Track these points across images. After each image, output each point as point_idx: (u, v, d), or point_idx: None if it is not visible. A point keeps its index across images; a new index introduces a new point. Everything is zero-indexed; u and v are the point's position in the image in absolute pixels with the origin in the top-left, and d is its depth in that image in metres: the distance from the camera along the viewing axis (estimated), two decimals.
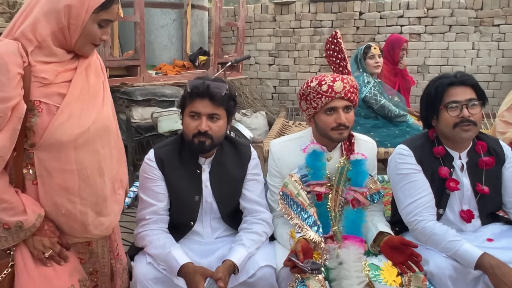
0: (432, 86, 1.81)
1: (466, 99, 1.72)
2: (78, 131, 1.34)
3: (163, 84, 4.29)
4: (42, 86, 1.31)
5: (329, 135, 1.80)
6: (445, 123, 1.75)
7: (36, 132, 1.31)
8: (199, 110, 1.71)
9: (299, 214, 1.75)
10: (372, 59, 3.62)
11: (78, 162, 1.36)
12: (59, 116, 1.31)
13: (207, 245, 1.85)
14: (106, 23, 1.38)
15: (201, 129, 1.70)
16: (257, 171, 1.94)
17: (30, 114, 1.30)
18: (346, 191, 1.85)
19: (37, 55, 1.31)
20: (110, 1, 1.34)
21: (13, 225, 1.31)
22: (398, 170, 1.83)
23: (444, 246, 1.68)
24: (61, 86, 1.34)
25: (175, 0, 5.07)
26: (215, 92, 1.70)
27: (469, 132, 1.73)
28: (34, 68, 1.29)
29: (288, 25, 6.37)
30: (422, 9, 5.93)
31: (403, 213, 1.83)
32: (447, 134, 1.79)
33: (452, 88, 1.75)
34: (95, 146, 1.40)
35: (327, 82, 1.75)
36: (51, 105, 1.32)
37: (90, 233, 1.47)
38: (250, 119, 5.64)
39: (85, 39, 1.36)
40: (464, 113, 1.71)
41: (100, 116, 1.42)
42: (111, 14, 1.36)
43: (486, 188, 1.78)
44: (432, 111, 1.79)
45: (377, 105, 3.52)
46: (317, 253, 1.68)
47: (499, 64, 5.83)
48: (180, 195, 1.81)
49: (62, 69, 1.36)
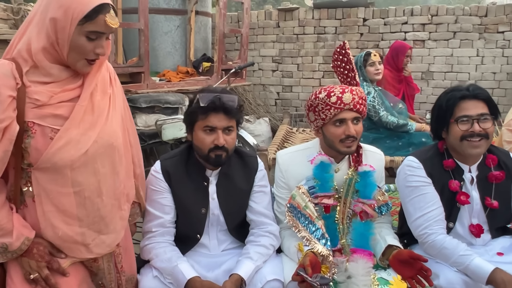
0: (443, 98, 1.78)
1: (478, 114, 1.70)
2: (76, 154, 1.32)
3: (167, 91, 4.28)
4: (36, 107, 1.29)
5: (337, 148, 1.78)
6: (454, 136, 1.73)
7: (30, 154, 1.30)
8: (215, 124, 1.69)
9: (307, 226, 1.73)
10: (372, 66, 3.58)
11: (76, 184, 1.35)
12: (57, 141, 1.29)
13: (214, 257, 1.83)
14: (95, 35, 1.30)
15: (220, 144, 1.69)
16: (264, 182, 1.92)
17: (25, 135, 1.30)
18: (354, 203, 1.83)
19: (33, 75, 1.29)
20: (95, 12, 1.27)
21: (0, 245, 1.31)
22: (407, 183, 1.81)
23: (454, 260, 1.66)
24: (56, 107, 1.31)
25: (179, 7, 5.08)
26: (229, 106, 1.69)
27: (478, 148, 1.71)
28: (29, 89, 1.28)
29: (292, 32, 6.37)
30: (426, 16, 5.92)
31: (412, 226, 1.80)
32: (455, 147, 1.77)
33: (463, 102, 1.72)
34: (95, 166, 1.38)
35: (336, 93, 1.73)
36: (45, 127, 1.30)
37: (92, 252, 1.45)
38: (254, 126, 5.62)
39: (75, 54, 1.30)
40: (475, 127, 1.68)
41: (103, 134, 1.39)
42: (98, 25, 1.28)
43: (495, 202, 1.76)
44: (443, 123, 1.77)
45: (376, 117, 3.49)
46: (325, 266, 1.66)
47: (504, 71, 5.81)
48: (187, 207, 1.79)
49: (59, 89, 1.32)
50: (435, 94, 6.10)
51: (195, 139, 1.74)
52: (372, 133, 3.63)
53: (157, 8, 4.81)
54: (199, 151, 1.75)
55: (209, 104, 1.67)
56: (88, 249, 1.43)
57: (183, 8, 5.11)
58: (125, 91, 3.79)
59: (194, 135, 1.74)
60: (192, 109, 1.72)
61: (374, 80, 3.61)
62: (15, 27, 4.31)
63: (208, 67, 5.09)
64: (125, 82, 4.16)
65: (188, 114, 1.75)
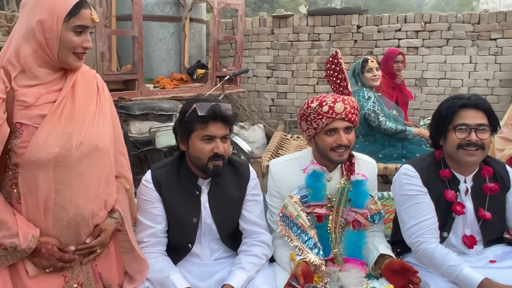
0: (444, 105, 1.79)
1: (476, 124, 1.70)
2: (58, 149, 1.36)
3: (161, 98, 4.29)
4: (24, 109, 1.35)
5: (329, 156, 1.78)
6: (451, 143, 1.74)
7: (16, 152, 1.35)
8: (214, 133, 1.69)
9: (299, 236, 1.73)
10: (369, 73, 3.61)
11: (57, 181, 1.38)
12: (38, 133, 1.35)
13: (206, 267, 1.82)
14: (82, 29, 1.39)
15: (220, 152, 1.69)
16: (257, 191, 1.91)
17: (12, 136, 1.35)
18: (346, 212, 1.83)
19: (21, 80, 1.36)
20: (78, 7, 1.36)
21: (8, 246, 1.35)
22: (403, 191, 1.81)
23: (444, 270, 1.67)
24: (42, 107, 1.37)
25: (173, 14, 5.10)
26: (227, 114, 1.71)
27: (473, 157, 1.71)
28: (17, 93, 1.34)
29: (286, 38, 6.40)
30: (419, 23, 5.97)
31: (406, 234, 1.81)
32: (451, 155, 1.77)
33: (463, 110, 1.73)
34: (79, 167, 1.42)
35: (328, 103, 1.73)
36: (30, 126, 1.35)
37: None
38: (248, 132, 5.63)
39: (65, 50, 1.38)
40: (472, 137, 1.69)
41: (89, 135, 1.43)
42: (82, 19, 1.37)
43: (488, 214, 1.76)
44: (441, 130, 1.78)
45: (375, 123, 3.51)
46: (318, 276, 1.66)
47: (497, 78, 5.86)
48: (178, 217, 1.78)
49: (45, 91, 1.39)
50: (428, 101, 6.14)
51: (192, 149, 1.72)
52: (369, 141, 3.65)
53: (151, 15, 4.83)
54: (196, 161, 1.73)
55: (209, 113, 1.67)
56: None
57: (177, 15, 5.13)
58: (119, 98, 3.82)
59: (191, 145, 1.72)
60: (189, 119, 1.71)
61: (372, 86, 3.64)
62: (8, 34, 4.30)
63: (203, 74, 5.10)
64: (119, 89, 4.16)
65: (183, 124, 1.74)
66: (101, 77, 1.61)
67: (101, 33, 3.73)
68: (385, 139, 3.64)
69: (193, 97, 1.86)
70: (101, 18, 3.72)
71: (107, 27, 3.87)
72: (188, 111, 1.72)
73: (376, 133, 3.63)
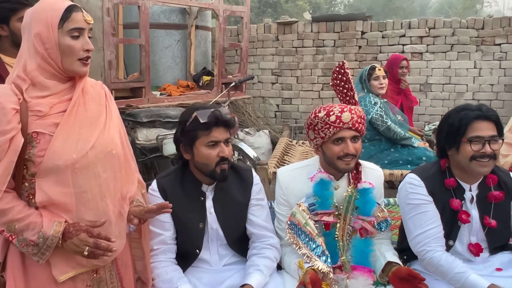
0: (455, 117, 1.78)
1: (489, 136, 1.71)
2: (75, 155, 1.39)
3: (168, 105, 4.32)
4: (39, 118, 1.39)
5: (336, 165, 1.81)
6: (464, 155, 1.74)
7: (34, 162, 1.38)
8: (218, 138, 1.73)
9: (307, 244, 1.76)
10: (376, 80, 3.64)
11: (77, 186, 1.41)
12: (54, 141, 1.37)
13: (216, 273, 1.84)
14: (78, 32, 1.41)
15: (226, 155, 1.74)
16: (261, 196, 1.95)
17: (29, 146, 1.37)
18: (354, 220, 1.85)
19: (32, 92, 1.40)
20: (68, 11, 1.39)
21: (37, 240, 1.36)
22: (408, 200, 1.83)
23: (451, 277, 1.69)
24: (56, 116, 1.41)
25: (179, 22, 5.14)
26: (228, 118, 1.75)
27: (486, 167, 1.73)
28: (30, 104, 1.38)
29: (291, 45, 6.44)
30: (423, 29, 5.99)
31: (412, 243, 1.83)
32: (463, 166, 1.78)
33: (476, 122, 1.73)
34: (96, 170, 1.44)
35: (335, 112, 1.76)
36: (46, 135, 1.39)
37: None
38: (254, 138, 5.65)
39: (67, 57, 1.40)
40: (487, 149, 1.70)
41: (101, 140, 1.46)
42: (75, 22, 1.40)
43: (493, 221, 1.78)
44: (453, 142, 1.77)
45: (383, 127, 3.53)
46: (326, 283, 1.68)
47: (501, 83, 5.87)
48: (185, 223, 1.81)
49: (57, 100, 1.43)
50: (433, 106, 6.16)
51: (198, 156, 1.75)
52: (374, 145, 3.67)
53: (157, 23, 4.88)
54: (204, 168, 1.77)
55: (210, 119, 1.71)
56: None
57: (183, 22, 5.18)
58: (126, 106, 3.87)
59: (196, 152, 1.75)
60: (191, 127, 1.74)
61: (378, 94, 3.66)
62: None
63: (208, 80, 5.14)
64: (126, 97, 4.20)
65: (186, 133, 1.77)
66: (109, 85, 1.66)
67: (109, 42, 3.78)
68: (390, 144, 3.66)
69: (190, 107, 1.90)
70: (108, 27, 3.77)
71: (114, 36, 3.92)
72: (188, 121, 1.75)
73: (381, 137, 3.66)
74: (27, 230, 1.36)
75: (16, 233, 1.36)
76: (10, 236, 1.36)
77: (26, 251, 1.37)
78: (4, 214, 1.35)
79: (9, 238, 1.36)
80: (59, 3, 1.40)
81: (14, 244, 1.37)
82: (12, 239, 1.36)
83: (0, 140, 1.32)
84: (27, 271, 1.44)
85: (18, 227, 1.35)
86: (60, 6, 1.39)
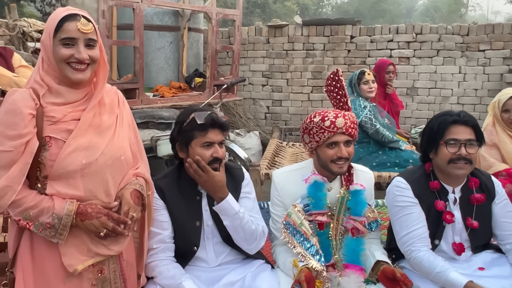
0: (435, 121, 1.91)
1: (466, 139, 1.82)
2: (84, 161, 1.46)
3: (161, 107, 4.37)
4: (52, 124, 1.47)
5: (330, 168, 1.89)
6: (442, 157, 1.86)
7: (46, 164, 1.46)
8: (213, 139, 1.81)
9: (302, 243, 1.83)
10: (366, 85, 3.75)
11: (86, 189, 1.49)
12: (66, 148, 1.45)
13: (212, 272, 1.90)
14: (70, 41, 1.46)
15: (219, 156, 1.82)
16: (249, 189, 2.02)
17: (42, 149, 1.46)
18: (346, 220, 1.93)
19: (48, 97, 1.49)
20: (63, 21, 1.45)
21: (52, 221, 1.44)
22: (395, 202, 1.93)
23: (433, 277, 1.79)
24: (69, 123, 1.49)
25: (172, 23, 5.18)
26: (223, 121, 1.84)
27: (462, 170, 1.84)
28: (46, 109, 1.47)
29: (281, 47, 6.53)
30: (411, 34, 6.13)
31: (399, 243, 1.92)
32: (442, 168, 1.89)
33: (454, 126, 1.85)
34: (104, 176, 1.52)
35: (330, 118, 1.85)
36: (59, 140, 1.47)
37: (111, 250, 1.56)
38: (244, 139, 5.72)
39: (59, 63, 1.47)
40: (462, 151, 1.81)
41: (111, 147, 1.54)
42: (66, 32, 1.45)
43: (475, 222, 1.89)
44: (433, 144, 1.89)
45: (372, 130, 3.64)
46: (319, 281, 1.75)
47: (485, 88, 6.04)
48: (182, 221, 1.88)
49: (71, 109, 1.51)
50: (419, 109, 6.31)
51: (193, 155, 1.82)
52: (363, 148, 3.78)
53: (150, 25, 4.90)
54: None
55: (207, 121, 1.79)
56: (105, 247, 1.55)
57: (176, 24, 5.21)
58: None
59: (191, 152, 1.83)
60: (188, 128, 1.82)
61: (367, 98, 3.76)
62: (10, 43, 4.37)
63: (201, 82, 5.18)
64: None
65: (182, 133, 1.84)
66: None
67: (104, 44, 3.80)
68: (378, 146, 3.77)
69: (187, 108, 1.97)
70: (103, 29, 3.81)
71: (109, 38, 3.96)
72: (185, 121, 1.83)
73: (369, 140, 3.76)
74: (42, 215, 1.43)
75: (32, 220, 1.43)
76: (26, 223, 1.43)
77: (44, 234, 1.45)
78: (19, 205, 1.43)
79: (26, 226, 1.44)
80: (60, 12, 1.48)
81: (32, 230, 1.44)
82: (29, 226, 1.44)
83: (17, 143, 1.40)
84: (36, 268, 1.49)
85: (33, 214, 1.43)
86: (58, 16, 1.47)
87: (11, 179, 1.40)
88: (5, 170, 1.41)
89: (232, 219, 1.83)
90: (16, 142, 1.40)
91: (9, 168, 1.41)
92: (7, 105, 1.44)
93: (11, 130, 1.41)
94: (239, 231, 1.85)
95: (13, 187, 1.40)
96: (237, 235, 1.86)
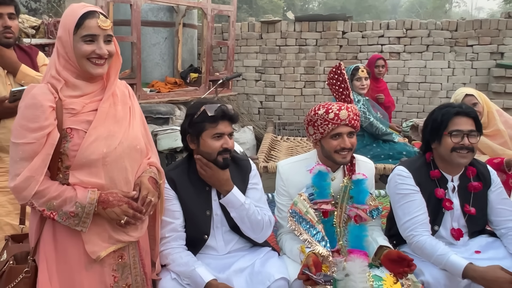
0: (438, 113, 2.00)
1: (468, 130, 1.93)
2: (105, 150, 1.53)
3: (158, 102, 4.41)
4: (72, 116, 1.53)
5: (333, 158, 1.98)
6: (446, 147, 1.95)
7: (68, 155, 1.51)
8: (223, 131, 1.88)
9: (308, 230, 1.91)
10: (358, 81, 3.83)
11: (107, 177, 1.55)
12: (87, 138, 1.51)
13: (222, 259, 1.98)
14: (91, 38, 1.51)
15: (229, 147, 1.89)
16: (256, 181, 2.09)
17: (64, 141, 1.51)
18: (349, 208, 2.02)
19: (66, 91, 1.54)
20: (83, 18, 1.50)
21: (76, 210, 1.49)
22: (398, 190, 2.02)
23: (435, 259, 1.88)
24: (88, 114, 1.55)
25: (167, 19, 5.21)
26: (233, 114, 1.91)
27: (465, 158, 1.94)
28: (64, 102, 1.52)
29: (274, 43, 6.59)
30: (401, 30, 6.25)
31: (401, 229, 2.02)
32: (445, 157, 1.98)
33: (457, 118, 1.95)
34: (123, 164, 1.59)
35: (334, 110, 1.93)
36: (80, 131, 1.53)
37: (131, 236, 1.63)
38: (238, 134, 5.77)
39: (80, 59, 1.52)
40: (465, 141, 1.92)
41: (127, 136, 1.60)
42: (87, 29, 1.51)
43: (473, 209, 2.00)
44: (436, 135, 1.99)
45: (366, 123, 3.73)
46: (326, 266, 1.84)
47: (473, 82, 6.19)
48: (193, 211, 1.94)
49: (89, 101, 1.57)
50: (410, 104, 6.44)
51: (203, 146, 1.89)
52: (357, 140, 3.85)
53: (145, 21, 4.93)
54: (207, 156, 1.90)
55: (217, 113, 1.86)
56: (126, 233, 1.62)
57: (171, 20, 5.25)
58: None
59: (202, 143, 1.89)
60: (199, 119, 1.88)
61: (360, 94, 3.85)
62: None
63: (196, 77, 5.23)
64: None
65: (193, 125, 1.90)
66: None
67: None
68: (372, 139, 3.86)
69: (198, 101, 2.03)
70: None
71: None
72: (196, 113, 1.89)
73: (364, 133, 3.85)
74: (65, 204, 1.49)
75: (56, 210, 1.49)
76: (50, 213, 1.49)
77: (68, 223, 1.50)
78: (42, 195, 1.47)
79: (50, 216, 1.49)
80: (78, 9, 1.52)
81: (56, 219, 1.49)
82: (54, 216, 1.49)
83: (39, 135, 1.45)
84: (59, 256, 1.55)
85: (56, 204, 1.48)
86: (77, 13, 1.51)
87: (34, 170, 1.45)
88: (27, 162, 1.45)
89: (239, 210, 1.91)
90: (38, 134, 1.45)
91: (31, 159, 1.46)
92: (28, 99, 1.49)
93: (33, 123, 1.46)
94: (245, 222, 1.93)
95: (36, 178, 1.45)
96: (244, 225, 1.94)
